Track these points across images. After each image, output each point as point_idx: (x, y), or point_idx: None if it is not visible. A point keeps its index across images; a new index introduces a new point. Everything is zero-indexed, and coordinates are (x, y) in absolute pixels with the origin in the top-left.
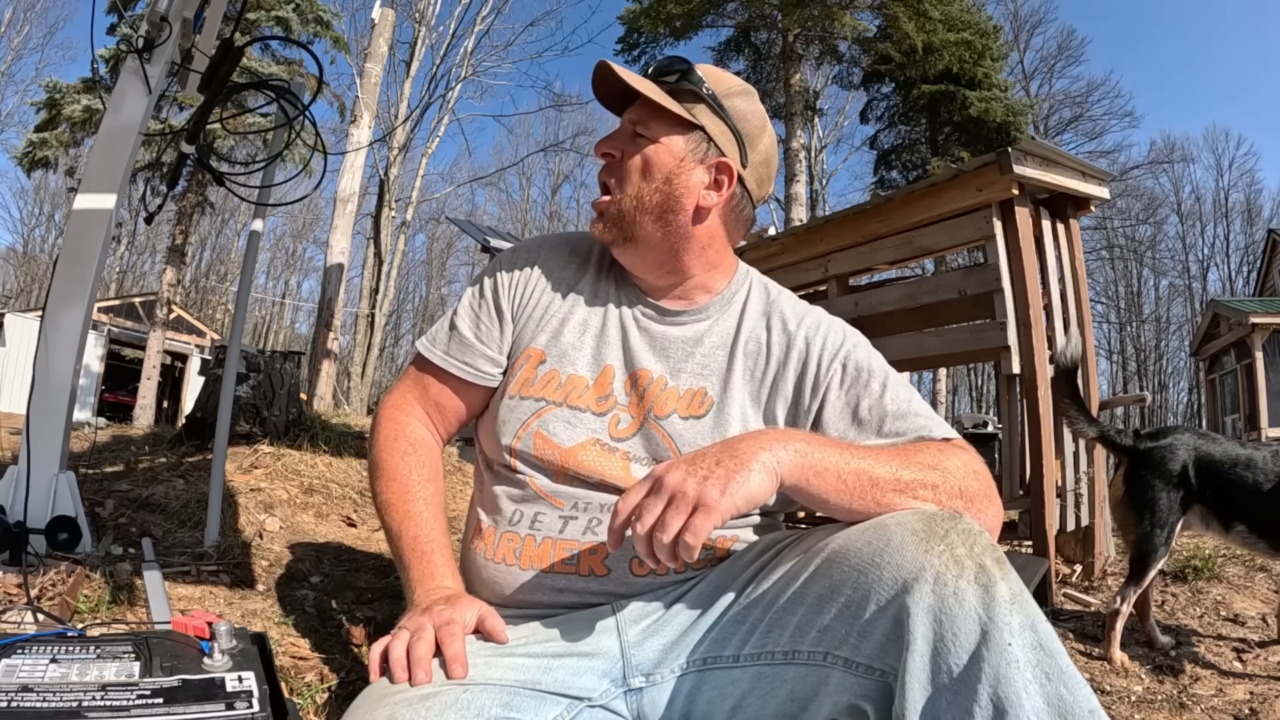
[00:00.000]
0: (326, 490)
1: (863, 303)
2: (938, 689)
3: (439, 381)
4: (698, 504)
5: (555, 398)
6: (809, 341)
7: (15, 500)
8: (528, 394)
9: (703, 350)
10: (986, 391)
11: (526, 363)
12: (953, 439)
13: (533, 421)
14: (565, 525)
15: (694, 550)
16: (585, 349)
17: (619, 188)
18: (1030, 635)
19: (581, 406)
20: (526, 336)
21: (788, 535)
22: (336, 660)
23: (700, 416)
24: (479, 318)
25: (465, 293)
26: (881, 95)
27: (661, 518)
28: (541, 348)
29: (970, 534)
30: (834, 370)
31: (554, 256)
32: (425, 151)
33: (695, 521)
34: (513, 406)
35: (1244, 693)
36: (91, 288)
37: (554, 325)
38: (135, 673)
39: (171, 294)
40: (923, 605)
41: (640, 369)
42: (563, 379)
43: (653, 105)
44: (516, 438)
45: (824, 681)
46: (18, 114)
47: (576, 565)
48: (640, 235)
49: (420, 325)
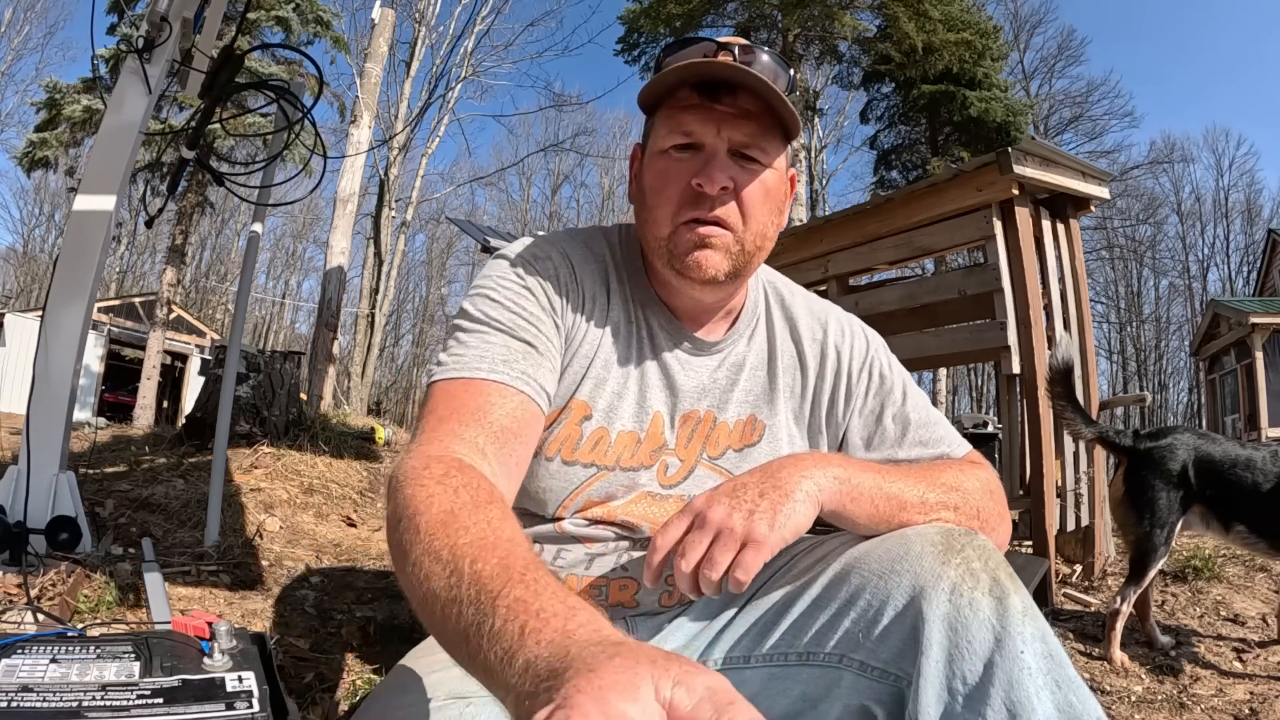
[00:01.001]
0: (326, 490)
1: (863, 303)
2: (951, 694)
3: (501, 402)
4: (747, 540)
5: (607, 462)
6: (839, 350)
7: (15, 500)
8: (573, 459)
9: (744, 376)
10: (986, 391)
11: (569, 416)
12: (969, 454)
13: (583, 490)
14: (592, 562)
15: (744, 586)
16: (629, 398)
17: (743, 222)
18: (1041, 645)
19: (634, 466)
20: (573, 381)
21: (800, 540)
22: (336, 660)
23: (755, 444)
24: (539, 329)
25: (499, 295)
26: (881, 95)
27: (709, 554)
28: (586, 400)
29: (985, 550)
30: (863, 378)
31: (586, 265)
32: (425, 151)
33: (746, 558)
34: (556, 473)
35: (1244, 693)
36: (91, 288)
37: (597, 372)
38: (135, 673)
39: (171, 294)
40: (939, 613)
41: (689, 411)
42: (612, 439)
43: (768, 121)
44: (563, 506)
45: (836, 683)
46: (18, 114)
47: (604, 600)
48: (749, 274)
49: (420, 325)
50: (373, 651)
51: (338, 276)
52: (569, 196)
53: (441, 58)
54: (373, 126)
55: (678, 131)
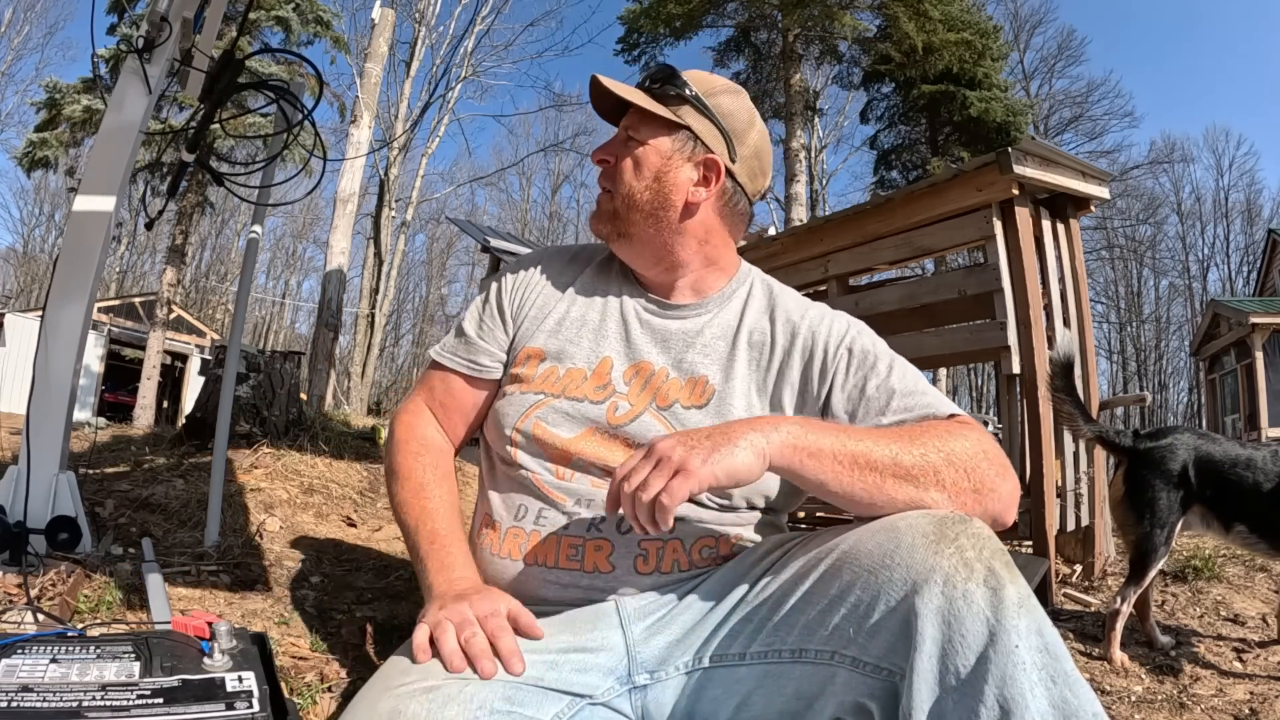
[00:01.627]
0: (326, 490)
1: (863, 303)
2: (945, 689)
3: (443, 382)
4: (679, 469)
5: (553, 390)
6: (814, 330)
7: (15, 500)
8: (526, 389)
9: (702, 340)
10: (986, 391)
11: (527, 362)
12: (959, 415)
13: (531, 412)
14: (570, 522)
15: (668, 513)
16: (583, 342)
17: (614, 188)
18: (1037, 639)
19: (579, 396)
20: (525, 337)
21: (796, 536)
22: (336, 660)
23: (702, 405)
24: (482, 319)
25: (476, 299)
26: (881, 95)
27: (645, 479)
28: (540, 346)
29: (980, 538)
30: (841, 355)
31: (555, 262)
32: (425, 151)
33: (674, 484)
34: (511, 400)
35: (1244, 693)
36: (91, 288)
37: (551, 324)
38: (135, 673)
39: (171, 294)
40: (932, 606)
41: (642, 360)
42: (560, 374)
43: (641, 111)
44: (516, 428)
45: (830, 680)
46: (18, 114)
47: (581, 561)
48: (634, 231)
49: (420, 325)
50: (373, 651)
51: (338, 277)
52: (569, 196)
53: (441, 58)
54: (373, 126)
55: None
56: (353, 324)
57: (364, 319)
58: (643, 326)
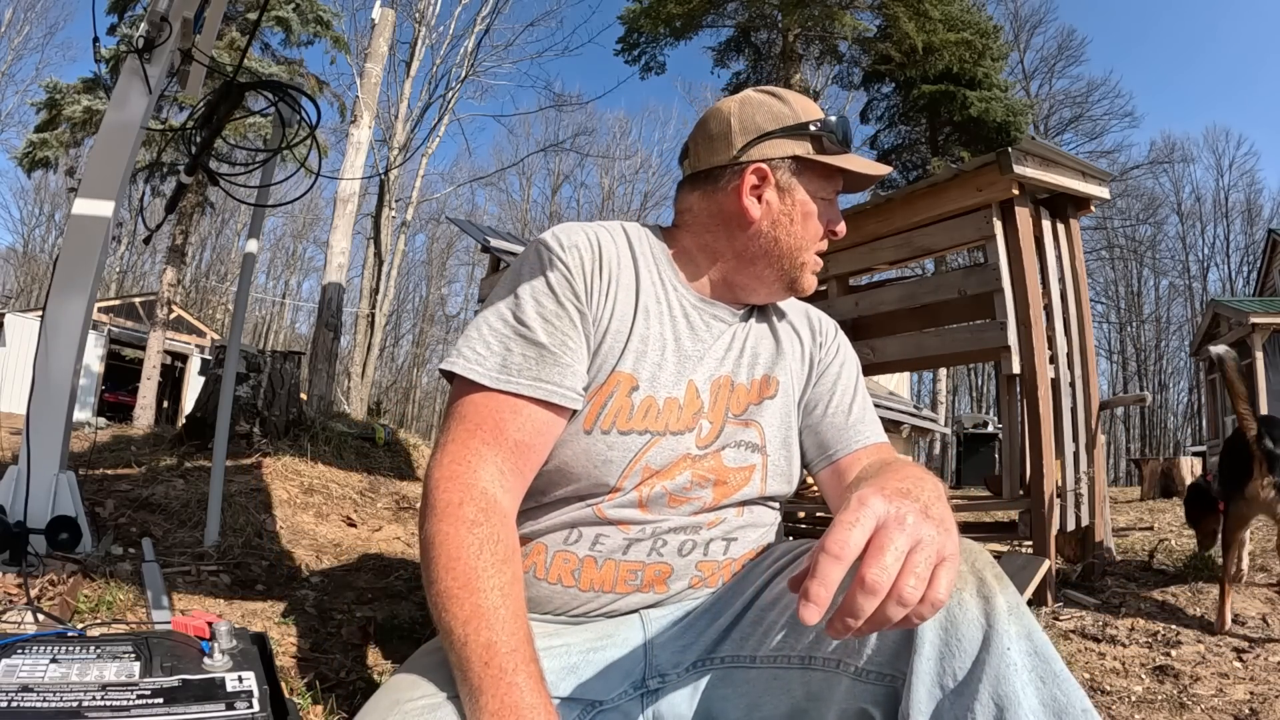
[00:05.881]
0: (326, 490)
1: (863, 303)
2: (943, 690)
3: (516, 415)
4: (945, 558)
5: (658, 428)
6: (824, 329)
7: (15, 500)
8: (629, 428)
9: (752, 340)
10: (986, 391)
11: (618, 390)
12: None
13: (641, 457)
14: (630, 546)
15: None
16: (668, 368)
17: None
18: (1026, 643)
19: (680, 430)
20: (611, 357)
21: (804, 544)
22: (336, 660)
23: (772, 396)
24: (556, 326)
25: (523, 295)
26: (881, 95)
27: (918, 571)
28: (630, 372)
29: (970, 550)
30: (840, 358)
31: (611, 255)
32: (425, 151)
33: (942, 575)
34: (615, 443)
35: (1244, 693)
36: (91, 288)
37: (636, 345)
38: (135, 673)
39: (171, 294)
40: None
41: (720, 377)
42: (660, 406)
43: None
44: (624, 475)
45: (834, 688)
46: (18, 114)
47: (639, 584)
48: None
49: (420, 325)
50: (373, 651)
51: (337, 277)
52: (569, 196)
53: (441, 58)
54: (373, 126)
55: (831, 189)
56: (353, 324)
57: (364, 319)
58: (713, 339)
